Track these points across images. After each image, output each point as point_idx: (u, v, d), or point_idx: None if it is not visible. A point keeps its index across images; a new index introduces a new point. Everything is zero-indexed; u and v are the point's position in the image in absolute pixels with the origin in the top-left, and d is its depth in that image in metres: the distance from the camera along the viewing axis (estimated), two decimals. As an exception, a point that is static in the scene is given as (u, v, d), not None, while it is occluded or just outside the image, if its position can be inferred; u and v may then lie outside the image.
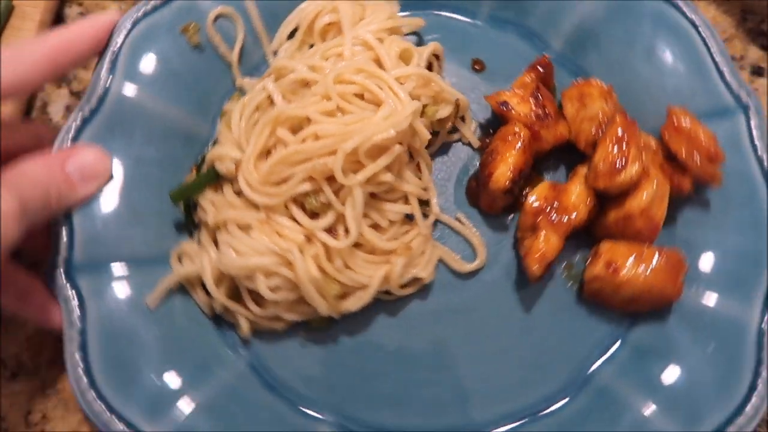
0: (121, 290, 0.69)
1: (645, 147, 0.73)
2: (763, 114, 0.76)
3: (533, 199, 0.71)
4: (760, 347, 0.67)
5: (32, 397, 0.72)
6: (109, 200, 0.71)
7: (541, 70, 0.78)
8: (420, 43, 0.84)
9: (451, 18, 0.86)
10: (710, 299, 0.71)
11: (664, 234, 0.74)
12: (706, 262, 0.72)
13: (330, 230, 0.66)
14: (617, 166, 0.67)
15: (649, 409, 0.67)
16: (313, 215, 0.66)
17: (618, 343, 0.72)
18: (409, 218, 0.73)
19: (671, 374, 0.68)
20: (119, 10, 0.91)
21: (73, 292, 0.67)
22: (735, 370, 0.67)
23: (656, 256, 0.68)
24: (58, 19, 0.90)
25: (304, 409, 0.70)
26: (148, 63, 0.76)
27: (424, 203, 0.75)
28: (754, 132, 0.75)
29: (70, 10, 0.92)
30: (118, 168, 0.73)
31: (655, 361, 0.69)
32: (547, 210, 0.70)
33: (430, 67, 0.79)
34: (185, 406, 0.66)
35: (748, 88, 0.77)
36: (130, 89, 0.74)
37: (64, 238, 0.69)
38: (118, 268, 0.70)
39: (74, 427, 0.71)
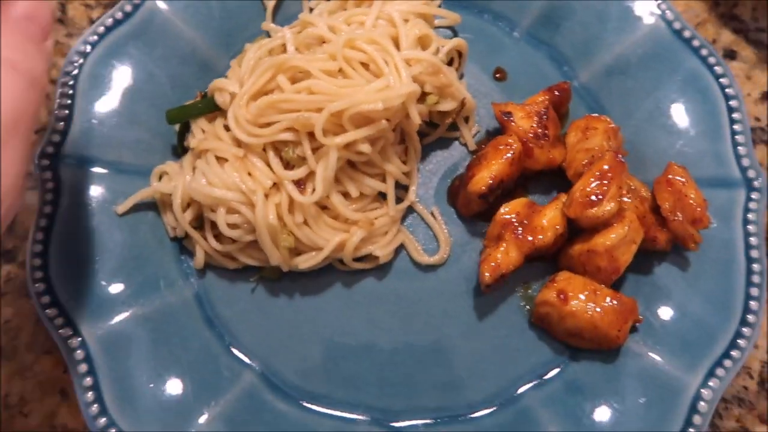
0: (97, 191, 0.73)
1: (633, 192, 0.73)
2: (767, 194, 0.74)
3: (505, 210, 0.71)
4: (693, 410, 0.66)
5: (10, 379, 0.71)
6: (111, 102, 0.75)
7: (557, 93, 0.78)
8: (453, 38, 0.84)
9: (489, 23, 0.87)
10: (658, 355, 0.70)
11: (636, 281, 0.74)
12: (666, 319, 0.71)
13: (299, 184, 0.67)
14: (593, 199, 0.67)
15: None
16: (288, 166, 0.68)
17: (553, 373, 0.71)
18: (383, 198, 0.74)
19: (597, 416, 0.68)
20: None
21: (53, 180, 0.70)
22: (662, 427, 0.66)
23: (608, 298, 0.67)
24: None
25: (234, 351, 0.71)
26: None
27: (404, 188, 0.76)
28: (751, 209, 0.73)
29: None
30: (130, 75, 0.77)
31: (584, 400, 0.69)
32: (516, 225, 0.70)
33: (451, 62, 0.80)
34: (125, 312, 0.69)
35: (758, 166, 0.75)
36: (164, 4, 0.78)
37: (60, 125, 0.72)
38: (101, 170, 0.73)
39: (52, 409, 0.71)
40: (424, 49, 0.73)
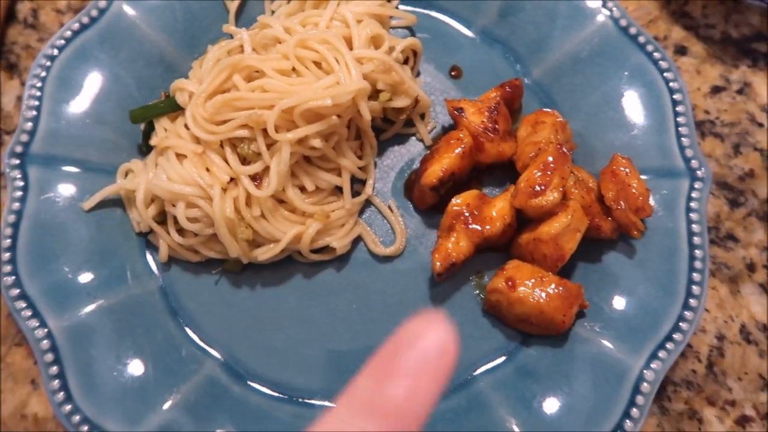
0: (64, 188, 0.76)
1: (581, 183, 0.76)
2: (710, 185, 0.77)
3: (456, 202, 0.74)
4: (636, 391, 0.69)
5: (-19, 370, 0.73)
6: (78, 103, 0.78)
7: (509, 90, 0.81)
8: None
9: (446, 23, 0.90)
10: (604, 339, 0.72)
11: (585, 270, 0.77)
12: (613, 305, 0.74)
13: (255, 179, 0.70)
14: (536, 189, 0.70)
15: (514, 425, 0.69)
16: (244, 162, 0.71)
17: (505, 358, 0.74)
18: (342, 192, 0.76)
19: (546, 398, 0.70)
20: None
21: (21, 179, 0.73)
22: (607, 407, 0.69)
23: (554, 284, 0.70)
24: (10, 15, 0.92)
25: (197, 340, 0.74)
26: (154, -10, 0.83)
27: (363, 182, 0.79)
28: (694, 198, 0.76)
29: (22, 5, 0.93)
30: (96, 77, 0.80)
31: (534, 383, 0.71)
32: (467, 216, 0.73)
33: (407, 61, 0.83)
34: (90, 304, 0.71)
35: (702, 158, 0.78)
36: (129, 9, 0.81)
37: (28, 126, 0.75)
38: (69, 169, 0.76)
39: (22, 399, 0.73)
40: (377, 49, 0.76)
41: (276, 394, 0.72)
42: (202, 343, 0.74)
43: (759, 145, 0.89)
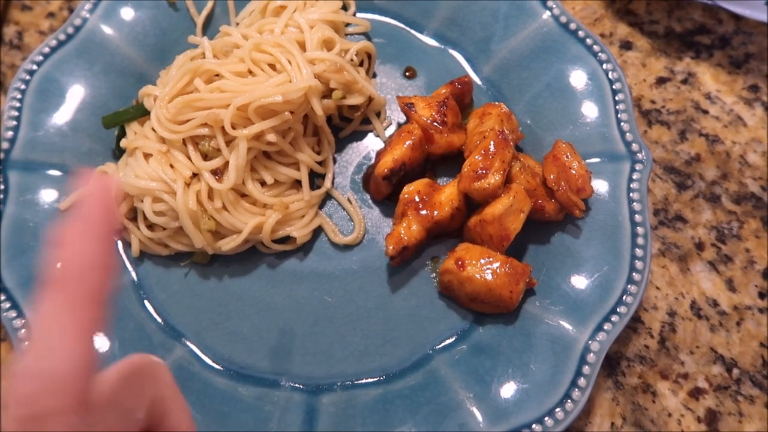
0: (43, 191, 0.81)
1: (528, 169, 0.80)
2: (650, 166, 0.81)
3: (408, 189, 0.78)
4: (582, 361, 0.72)
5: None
6: (55, 112, 0.84)
7: (458, 86, 0.86)
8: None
9: (400, 28, 0.95)
10: (553, 315, 0.76)
11: (536, 250, 0.81)
12: (562, 282, 0.78)
13: (216, 173, 0.75)
14: (479, 173, 0.74)
15: (467, 398, 0.72)
16: (206, 158, 0.76)
17: (457, 337, 0.78)
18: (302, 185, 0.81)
19: (497, 372, 0.74)
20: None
21: (2, 182, 0.79)
22: (556, 378, 0.72)
23: (499, 262, 0.74)
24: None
25: (167, 328, 0.78)
26: (127, 10, 0.90)
27: (322, 177, 0.84)
28: (634, 179, 0.80)
29: (8, 28, 1.00)
30: (73, 89, 0.86)
31: (486, 359, 0.75)
32: (417, 202, 0.78)
33: (362, 63, 0.89)
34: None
35: (642, 142, 0.82)
36: (103, 25, 0.88)
37: (9, 134, 0.81)
38: (46, 173, 0.82)
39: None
40: (329, 51, 0.82)
41: (241, 377, 0.76)
42: (172, 331, 0.78)
43: (704, 131, 0.93)
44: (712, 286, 0.85)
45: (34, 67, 0.85)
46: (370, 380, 0.76)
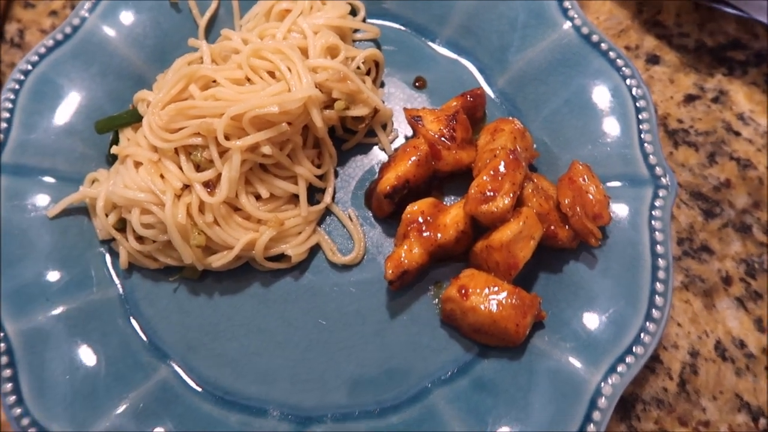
0: (31, 196, 0.78)
1: (541, 191, 0.74)
2: (675, 192, 0.75)
3: (411, 209, 0.73)
4: (593, 406, 0.66)
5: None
6: (49, 115, 0.80)
7: (470, 99, 0.81)
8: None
9: (411, 35, 0.90)
10: (562, 352, 0.70)
11: (547, 280, 0.75)
12: (573, 317, 0.72)
13: (208, 186, 0.71)
14: (486, 195, 0.69)
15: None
16: (198, 169, 0.71)
17: (457, 370, 0.72)
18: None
19: (500, 411, 0.68)
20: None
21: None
22: (563, 423, 0.67)
23: (506, 292, 0.68)
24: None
25: (152, 347, 0.74)
26: (127, 10, 0.86)
27: (321, 191, 0.79)
28: (657, 206, 0.74)
29: (10, 26, 0.97)
30: (68, 90, 0.82)
31: (489, 396, 0.70)
32: (421, 223, 0.72)
33: (369, 72, 0.84)
34: (49, 309, 0.72)
35: (667, 165, 0.76)
36: (102, 26, 0.84)
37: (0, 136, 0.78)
38: (35, 178, 0.78)
39: None
40: (333, 59, 0.77)
41: (227, 402, 0.71)
42: (157, 350, 0.74)
43: (735, 155, 0.86)
44: (740, 325, 0.78)
45: (29, 67, 0.82)
46: (363, 412, 0.71)
